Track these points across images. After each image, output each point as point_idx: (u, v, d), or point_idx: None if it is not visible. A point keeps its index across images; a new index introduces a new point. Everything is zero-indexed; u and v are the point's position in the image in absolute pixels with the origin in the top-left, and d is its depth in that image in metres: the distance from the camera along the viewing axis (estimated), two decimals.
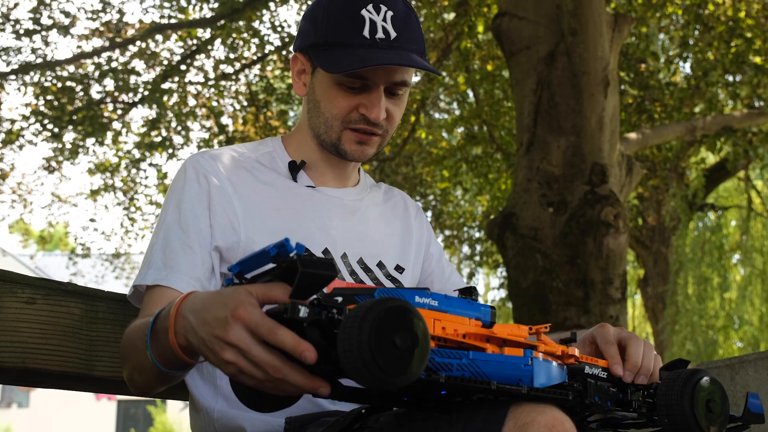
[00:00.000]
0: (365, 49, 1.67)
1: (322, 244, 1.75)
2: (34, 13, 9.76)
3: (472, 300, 1.28)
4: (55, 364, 1.76)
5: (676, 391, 1.38)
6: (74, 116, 10.07)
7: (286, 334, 1.12)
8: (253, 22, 10.37)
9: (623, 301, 5.79)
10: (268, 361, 1.15)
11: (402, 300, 1.09)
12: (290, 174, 1.82)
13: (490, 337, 1.26)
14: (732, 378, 2.69)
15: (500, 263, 12.85)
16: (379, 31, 1.69)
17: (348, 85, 1.71)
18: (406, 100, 1.81)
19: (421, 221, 2.03)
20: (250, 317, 1.14)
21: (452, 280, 2.02)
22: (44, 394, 26.27)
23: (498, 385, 1.22)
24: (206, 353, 1.22)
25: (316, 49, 1.73)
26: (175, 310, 1.30)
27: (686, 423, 1.37)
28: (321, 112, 1.76)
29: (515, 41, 6.22)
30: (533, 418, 1.22)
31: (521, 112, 6.19)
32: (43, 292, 1.76)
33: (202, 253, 1.66)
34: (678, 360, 1.51)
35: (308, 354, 1.11)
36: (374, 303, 1.06)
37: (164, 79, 10.26)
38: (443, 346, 1.21)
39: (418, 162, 12.11)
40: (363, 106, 1.72)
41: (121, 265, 13.42)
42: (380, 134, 1.77)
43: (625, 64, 9.70)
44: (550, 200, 5.84)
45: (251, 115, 11.04)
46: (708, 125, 9.13)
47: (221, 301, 1.19)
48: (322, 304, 1.13)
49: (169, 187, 1.78)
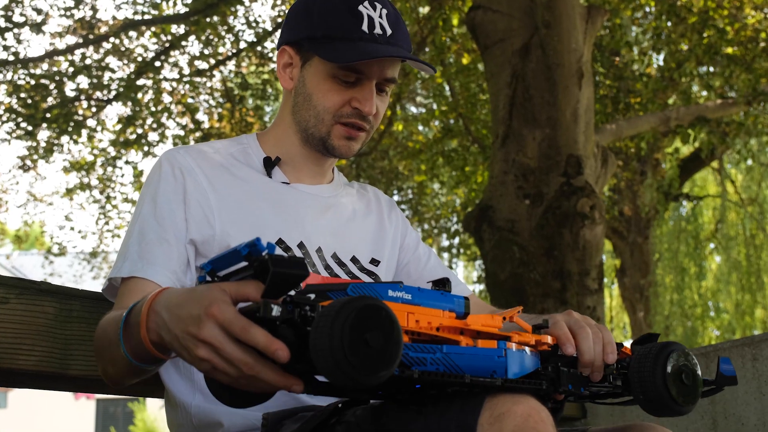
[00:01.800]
0: (366, 42, 1.69)
1: (297, 238, 1.75)
2: (6, 11, 9.66)
3: (445, 292, 1.28)
4: (30, 363, 1.75)
5: (648, 365, 1.38)
6: (48, 114, 9.99)
7: (258, 332, 1.12)
8: (228, 18, 10.33)
9: (600, 291, 5.83)
10: (241, 359, 1.15)
11: (373, 298, 1.09)
12: (265, 170, 1.82)
13: (464, 330, 1.26)
14: (707, 366, 2.72)
15: (478, 255, 12.88)
16: (377, 27, 1.71)
17: (343, 78, 1.72)
18: (388, 99, 1.84)
19: (395, 215, 2.04)
20: (223, 315, 1.14)
21: (429, 267, 2.02)
22: (22, 394, 26.09)
23: (472, 378, 1.22)
24: (179, 350, 1.22)
25: (312, 41, 1.74)
26: (147, 305, 1.30)
27: (660, 397, 1.38)
28: (312, 105, 1.77)
29: (489, 34, 6.23)
30: (509, 408, 1.23)
31: (496, 105, 6.21)
32: (16, 291, 1.75)
33: (177, 245, 1.66)
34: (648, 334, 1.51)
35: (281, 353, 1.11)
36: (345, 302, 1.06)
37: (138, 75, 10.20)
38: (417, 340, 1.21)
39: (395, 156, 12.12)
40: (356, 100, 1.74)
41: (99, 265, 13.33)
42: (367, 129, 1.79)
43: (599, 56, 9.75)
44: (526, 192, 5.87)
45: (227, 111, 11.00)
46: (682, 116, 9.20)
47: (195, 298, 1.19)
48: (295, 302, 1.13)
49: (144, 182, 1.78)
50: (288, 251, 1.72)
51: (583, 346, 1.42)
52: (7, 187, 11.98)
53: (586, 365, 1.42)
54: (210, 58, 10.85)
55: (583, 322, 1.47)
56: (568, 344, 1.41)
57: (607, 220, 9.84)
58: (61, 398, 25.54)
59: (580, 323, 1.46)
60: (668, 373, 1.38)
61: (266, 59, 10.90)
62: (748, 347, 2.72)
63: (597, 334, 1.45)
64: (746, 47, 9.20)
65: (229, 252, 1.19)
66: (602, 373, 1.44)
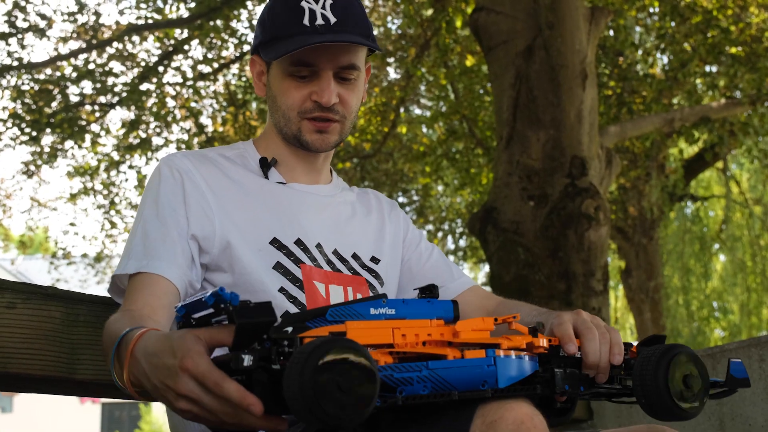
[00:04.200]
0: (306, 35, 1.71)
1: (295, 234, 1.77)
2: (9, 16, 9.67)
3: (432, 299, 1.26)
4: (37, 368, 1.75)
5: (651, 368, 1.34)
6: (52, 119, 10.00)
7: (231, 387, 1.12)
8: (231, 22, 10.34)
9: (605, 293, 5.82)
10: (220, 410, 1.15)
11: (342, 339, 1.07)
12: (261, 171, 1.85)
13: (452, 342, 1.24)
14: (714, 367, 2.72)
15: (485, 259, 12.88)
16: (319, 18, 1.73)
17: (297, 74, 1.76)
18: (361, 86, 1.84)
19: (396, 215, 2.05)
20: (197, 369, 1.14)
21: (431, 263, 2.02)
22: (28, 398, 26.10)
23: (460, 394, 1.20)
24: (161, 399, 1.23)
25: (264, 46, 1.79)
26: (130, 350, 1.31)
27: (662, 401, 1.34)
28: (278, 106, 1.81)
29: (493, 36, 6.23)
30: (501, 414, 1.21)
31: (500, 107, 6.20)
32: (23, 296, 1.75)
33: (181, 242, 1.68)
34: (655, 336, 1.48)
35: (254, 408, 1.10)
36: (314, 347, 1.04)
37: (142, 80, 10.21)
38: (403, 358, 1.20)
39: (399, 158, 12.11)
40: (315, 93, 1.76)
41: (103, 269, 13.34)
42: (338, 120, 1.80)
43: (603, 57, 9.74)
44: (530, 194, 5.86)
45: (230, 115, 11.00)
46: (686, 116, 9.19)
47: (170, 348, 1.19)
48: (272, 339, 1.12)
49: (145, 187, 1.80)
50: (283, 249, 1.73)
51: (589, 348, 1.41)
52: (11, 193, 11.99)
53: (590, 367, 1.41)
54: (213, 62, 10.85)
55: (591, 322, 1.45)
56: (569, 344, 1.40)
57: (612, 220, 9.84)
58: (67, 402, 25.57)
59: (587, 323, 1.44)
60: (671, 377, 1.34)
61: None
62: (755, 348, 2.71)
63: (604, 334, 1.43)
64: (750, 47, 9.19)
65: (196, 300, 1.17)
66: (608, 374, 1.42)
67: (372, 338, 1.16)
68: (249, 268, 1.69)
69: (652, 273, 12.65)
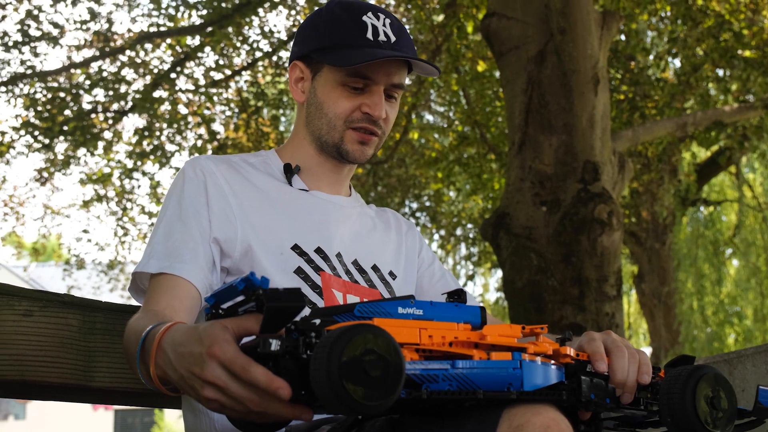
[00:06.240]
0: (372, 48, 1.76)
1: (315, 243, 1.77)
2: (22, 25, 9.73)
3: (459, 303, 1.26)
4: (54, 376, 1.75)
5: (678, 389, 1.34)
6: (65, 127, 10.05)
7: (258, 372, 1.12)
8: (243, 28, 10.37)
9: (618, 298, 5.79)
10: (246, 397, 1.15)
11: (369, 325, 1.07)
12: (285, 177, 1.86)
13: (479, 343, 1.24)
14: (731, 373, 2.70)
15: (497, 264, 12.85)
16: (381, 35, 1.78)
17: (351, 85, 1.79)
18: (398, 106, 1.88)
19: (413, 234, 2.08)
20: (224, 355, 1.14)
21: (441, 283, 2.04)
22: (41, 405, 26.17)
23: (485, 393, 1.20)
24: (186, 389, 1.23)
25: (321, 52, 1.81)
26: (157, 341, 1.31)
27: (689, 423, 1.33)
28: (324, 113, 1.83)
29: (504, 41, 6.22)
30: (528, 419, 1.21)
31: (512, 112, 6.20)
32: (39, 304, 1.76)
33: (203, 245, 1.69)
34: (682, 356, 1.47)
35: (281, 392, 1.10)
36: (342, 331, 1.05)
37: (154, 87, 10.25)
38: (429, 356, 1.19)
39: (411, 164, 12.12)
40: (365, 105, 1.79)
41: (116, 276, 13.38)
42: (379, 135, 1.84)
43: (615, 61, 9.72)
44: (543, 199, 5.85)
45: (242, 121, 11.03)
46: (699, 120, 9.15)
47: (197, 336, 1.19)
48: (299, 329, 1.12)
49: (168, 188, 1.82)
50: (303, 256, 1.74)
51: (617, 365, 1.40)
52: (24, 200, 12.04)
53: (618, 384, 1.40)
54: (225, 69, 10.88)
55: (621, 342, 1.44)
56: (601, 361, 1.39)
57: (625, 224, 9.81)
58: (80, 409, 25.61)
59: (617, 343, 1.44)
60: (698, 398, 1.33)
61: (282, 69, 10.93)
62: None
63: (634, 354, 1.43)
64: (763, 50, 9.15)
65: (227, 287, 1.18)
66: (633, 394, 1.40)
67: (399, 336, 1.15)
68: (269, 272, 1.69)
69: (665, 278, 12.60)
